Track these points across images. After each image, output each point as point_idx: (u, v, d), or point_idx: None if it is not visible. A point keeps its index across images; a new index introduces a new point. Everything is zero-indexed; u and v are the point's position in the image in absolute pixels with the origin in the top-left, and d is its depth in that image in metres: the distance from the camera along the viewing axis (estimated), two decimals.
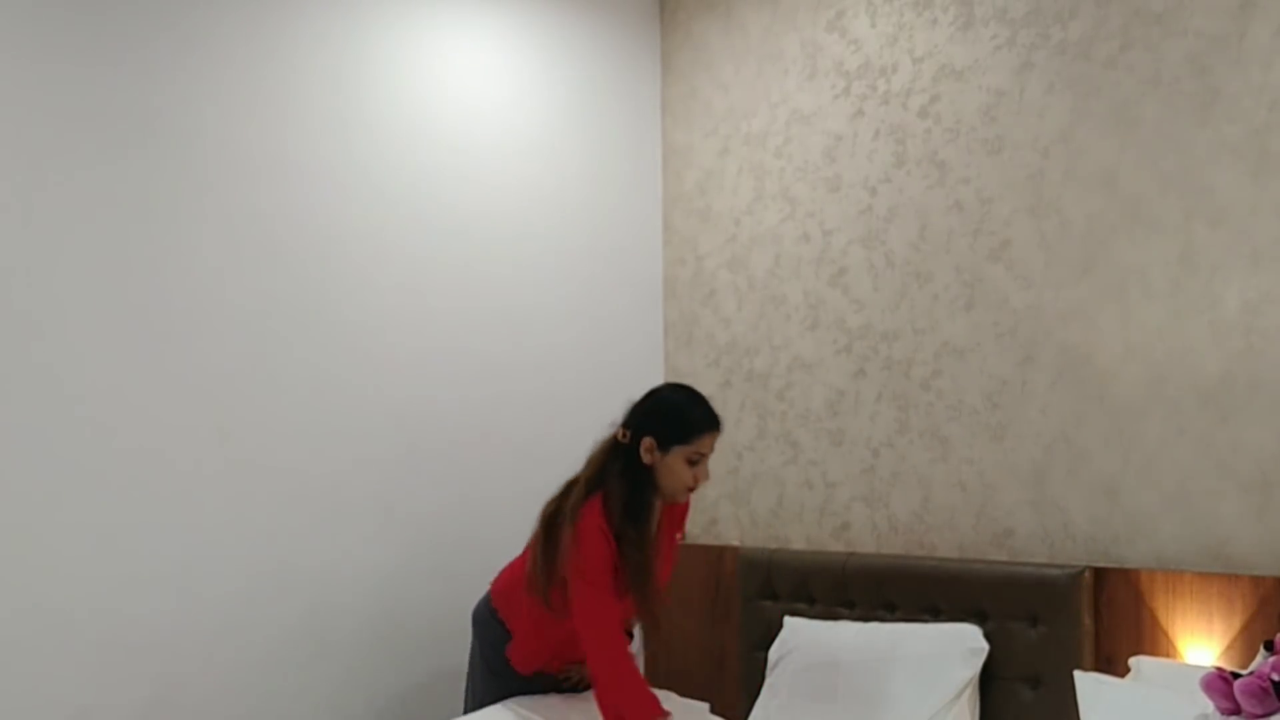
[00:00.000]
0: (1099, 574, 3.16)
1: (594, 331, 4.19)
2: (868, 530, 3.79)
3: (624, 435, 3.12)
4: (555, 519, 3.10)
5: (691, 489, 3.14)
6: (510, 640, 3.26)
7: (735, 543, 4.13)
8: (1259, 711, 2.35)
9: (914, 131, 3.70)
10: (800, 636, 3.51)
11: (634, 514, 3.06)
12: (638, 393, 4.31)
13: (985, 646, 3.25)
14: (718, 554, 4.06)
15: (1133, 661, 2.97)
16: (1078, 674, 2.95)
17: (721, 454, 4.21)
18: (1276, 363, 2.96)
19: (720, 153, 4.28)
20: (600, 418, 4.02)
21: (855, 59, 3.88)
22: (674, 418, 3.12)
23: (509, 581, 3.28)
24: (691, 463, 3.10)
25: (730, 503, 4.19)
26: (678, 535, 3.33)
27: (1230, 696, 2.39)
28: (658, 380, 4.41)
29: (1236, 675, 2.42)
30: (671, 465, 3.09)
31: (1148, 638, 3.05)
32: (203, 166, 3.33)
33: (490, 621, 3.30)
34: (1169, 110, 3.16)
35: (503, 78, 4.03)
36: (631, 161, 4.39)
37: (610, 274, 4.29)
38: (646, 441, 3.09)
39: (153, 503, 3.20)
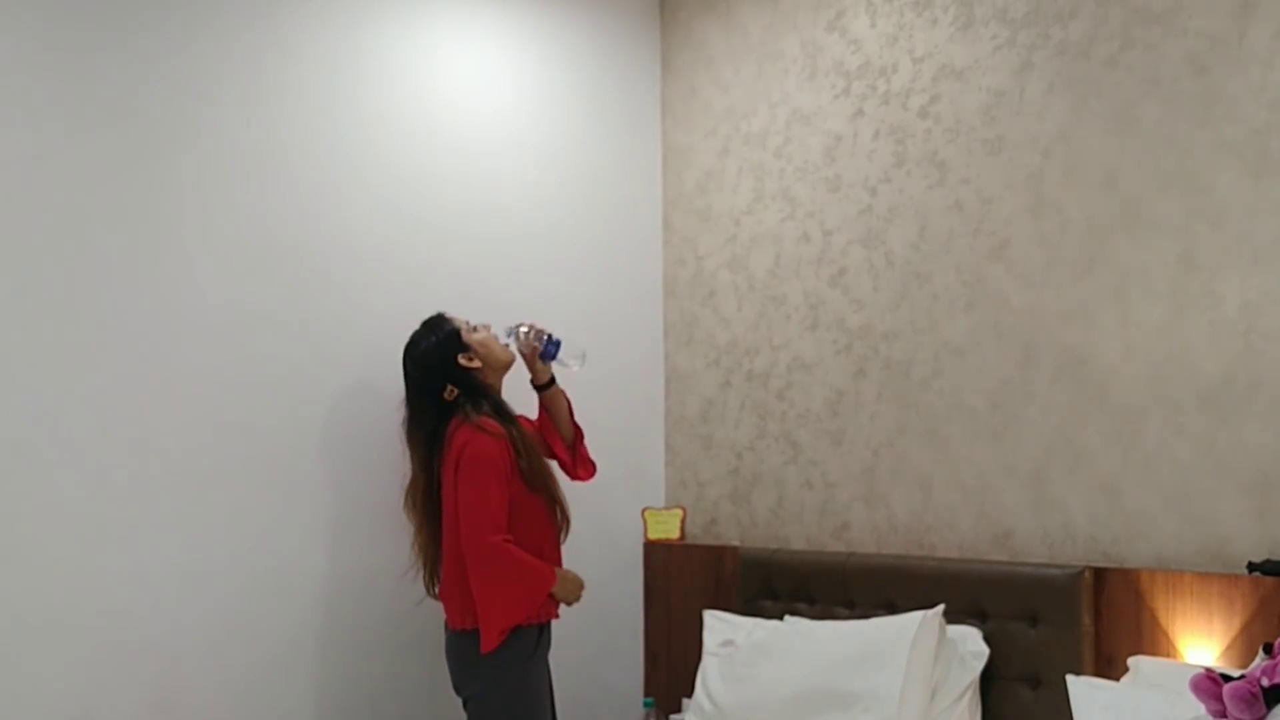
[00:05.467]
0: (1099, 574, 3.16)
1: (594, 331, 4.18)
2: (868, 530, 3.79)
3: (451, 393, 3.36)
4: (427, 458, 3.37)
5: (497, 340, 3.46)
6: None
7: (735, 543, 4.13)
8: (1247, 717, 2.34)
9: (914, 131, 3.70)
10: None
11: (503, 414, 3.38)
12: (638, 392, 4.33)
13: (986, 650, 3.26)
14: (718, 554, 4.06)
15: (1132, 662, 2.97)
16: (1070, 678, 2.95)
17: (721, 454, 4.21)
18: (1276, 363, 2.96)
19: (720, 153, 4.28)
20: (601, 418, 4.03)
21: (855, 59, 3.88)
22: (439, 334, 3.41)
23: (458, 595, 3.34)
24: (475, 331, 3.44)
25: (730, 503, 4.19)
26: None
27: (1219, 699, 2.38)
28: (658, 380, 4.41)
29: (1227, 677, 2.41)
30: (482, 345, 3.41)
31: (1148, 638, 3.05)
32: (197, 166, 3.33)
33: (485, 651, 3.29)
34: (1169, 110, 3.16)
35: (502, 77, 4.03)
36: (631, 161, 4.39)
37: (610, 274, 4.28)
38: (462, 359, 3.38)
39: (153, 503, 3.20)
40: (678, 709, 3.85)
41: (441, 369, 3.38)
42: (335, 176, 3.60)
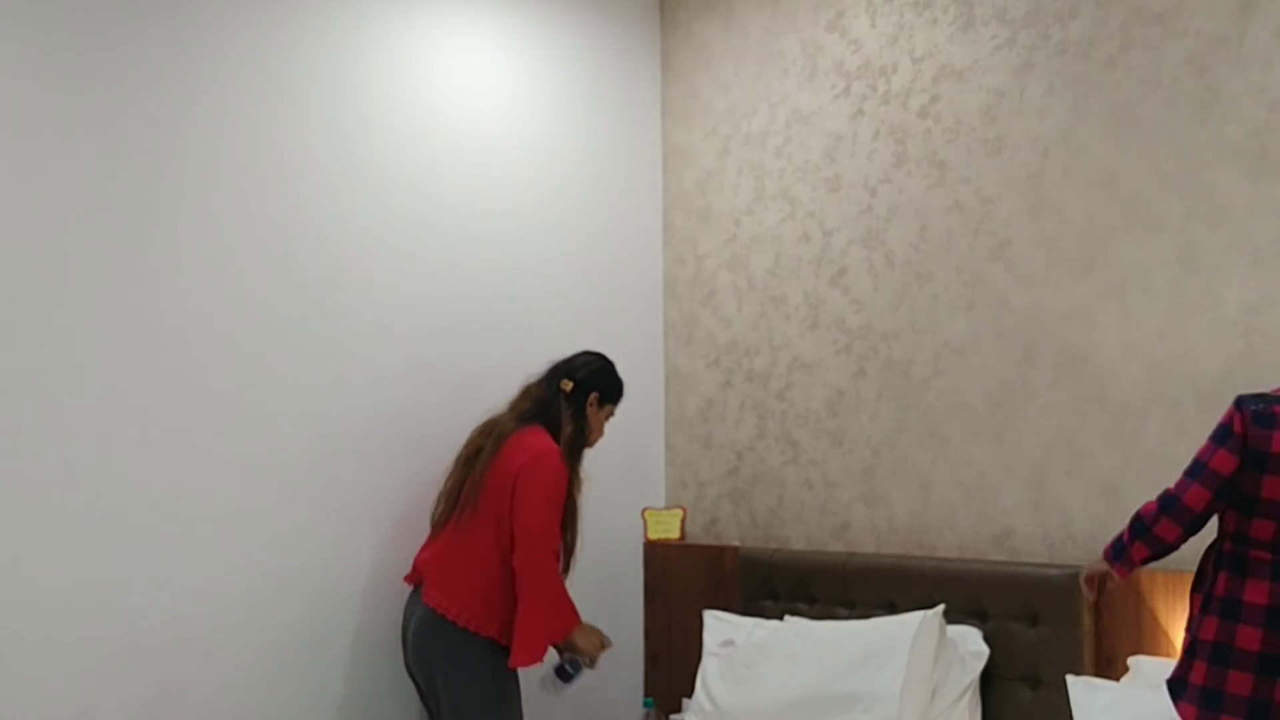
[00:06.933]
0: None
1: (594, 331, 4.19)
2: (868, 530, 3.79)
3: (569, 386, 3.51)
4: (494, 432, 3.46)
5: (592, 445, 3.59)
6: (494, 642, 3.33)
7: (735, 543, 4.13)
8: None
9: (914, 131, 3.71)
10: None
11: (578, 455, 3.52)
12: (637, 392, 4.32)
13: (986, 650, 3.26)
14: (718, 554, 4.06)
15: (1132, 661, 2.97)
16: (1070, 678, 2.96)
17: (721, 454, 4.21)
18: (1276, 363, 2.95)
19: (720, 153, 4.28)
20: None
21: (855, 59, 3.88)
22: (614, 380, 3.60)
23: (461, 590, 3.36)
24: (605, 421, 3.60)
25: (730, 503, 4.19)
26: None
27: None
28: (658, 380, 4.42)
29: None
30: (601, 420, 3.59)
31: (1148, 638, 3.05)
32: (195, 165, 3.32)
33: (473, 643, 3.34)
34: (1169, 110, 3.16)
35: (502, 78, 4.03)
36: (631, 161, 4.39)
37: (610, 274, 4.28)
38: (592, 396, 3.54)
39: (153, 503, 3.19)
40: (678, 709, 3.85)
41: (583, 374, 3.55)
42: (335, 177, 3.59)
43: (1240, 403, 2.38)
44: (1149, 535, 2.42)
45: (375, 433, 3.63)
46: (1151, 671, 2.91)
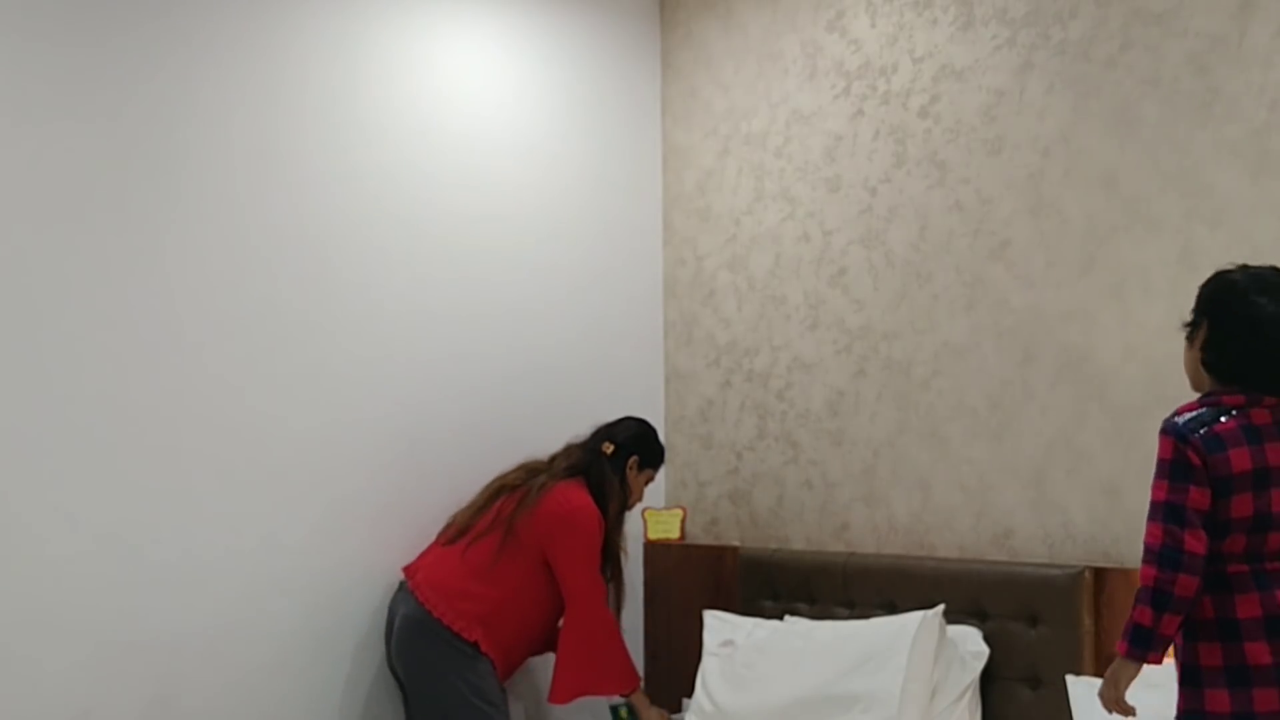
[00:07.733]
0: (1099, 574, 3.17)
1: (594, 331, 4.19)
2: (868, 530, 3.79)
3: (610, 449, 3.63)
4: (535, 478, 3.55)
5: (631, 508, 3.74)
6: (480, 653, 3.39)
7: (735, 543, 4.13)
8: None
9: (914, 131, 3.70)
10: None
11: (620, 517, 3.64)
12: (637, 392, 4.34)
13: (986, 650, 3.26)
14: (718, 554, 4.06)
15: None
16: (1070, 678, 2.95)
17: (721, 454, 4.21)
18: None
19: (720, 153, 4.28)
20: (600, 418, 4.04)
21: (855, 59, 3.88)
22: (653, 446, 3.75)
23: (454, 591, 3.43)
24: (645, 485, 3.74)
25: (730, 503, 4.19)
26: None
27: None
28: (658, 380, 4.41)
29: None
30: (640, 483, 3.72)
31: None
32: (195, 165, 3.32)
33: (456, 645, 3.39)
34: (1169, 110, 3.16)
35: (502, 78, 4.03)
36: (631, 161, 4.39)
37: (610, 274, 4.28)
38: (632, 460, 3.68)
39: (154, 503, 3.20)
40: (678, 709, 3.85)
41: (623, 439, 3.68)
42: (334, 177, 3.59)
43: (1182, 434, 2.30)
44: (1175, 601, 2.24)
45: (375, 433, 3.63)
46: (1151, 671, 2.89)
